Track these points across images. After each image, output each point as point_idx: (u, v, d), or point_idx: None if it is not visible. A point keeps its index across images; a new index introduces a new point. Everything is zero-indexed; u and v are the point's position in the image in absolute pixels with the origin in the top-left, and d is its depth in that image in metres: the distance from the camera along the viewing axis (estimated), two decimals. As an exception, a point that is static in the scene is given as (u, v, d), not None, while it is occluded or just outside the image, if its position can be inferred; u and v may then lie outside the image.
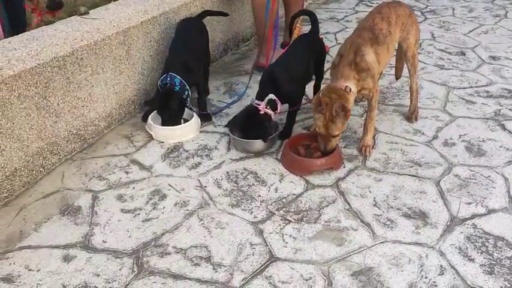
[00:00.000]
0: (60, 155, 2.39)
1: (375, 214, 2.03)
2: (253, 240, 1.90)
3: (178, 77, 2.55)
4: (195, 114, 2.64)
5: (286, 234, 1.93)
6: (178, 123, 2.58)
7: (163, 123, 2.57)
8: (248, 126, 2.44)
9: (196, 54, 2.75)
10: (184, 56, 2.63)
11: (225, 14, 3.26)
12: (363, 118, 2.72)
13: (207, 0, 3.28)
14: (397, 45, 2.57)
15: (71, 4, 3.58)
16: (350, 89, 2.20)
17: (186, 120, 2.63)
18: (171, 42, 2.80)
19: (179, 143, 2.54)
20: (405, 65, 2.67)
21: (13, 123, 2.10)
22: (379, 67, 2.33)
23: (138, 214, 2.06)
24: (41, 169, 2.30)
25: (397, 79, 2.87)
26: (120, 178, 2.29)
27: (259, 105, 2.40)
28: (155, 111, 2.61)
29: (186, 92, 2.60)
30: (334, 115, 2.13)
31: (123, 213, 2.07)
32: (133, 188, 2.22)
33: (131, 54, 2.72)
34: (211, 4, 3.34)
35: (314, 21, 2.86)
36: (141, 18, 2.75)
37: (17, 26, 2.95)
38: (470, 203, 2.07)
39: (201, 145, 2.54)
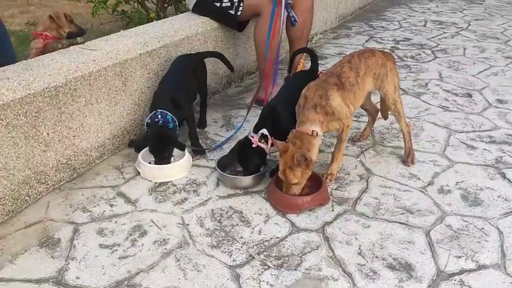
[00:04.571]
0: (47, 184, 2.38)
1: (358, 263, 1.95)
2: (228, 286, 1.84)
3: (169, 114, 2.52)
4: (187, 152, 2.59)
5: (263, 281, 1.86)
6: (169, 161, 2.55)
7: (159, 163, 2.52)
8: (240, 158, 2.45)
9: (186, 90, 2.74)
10: (173, 93, 2.61)
11: (231, 69, 3.25)
12: (358, 159, 2.67)
13: (210, 34, 3.30)
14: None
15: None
16: (317, 133, 2.21)
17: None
18: (163, 76, 2.79)
19: (168, 176, 2.52)
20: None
21: (-1, 152, 2.11)
22: (349, 108, 2.32)
23: (116, 250, 2.02)
24: (27, 198, 2.29)
25: (385, 119, 2.81)
26: (104, 211, 2.26)
27: (254, 137, 2.39)
28: (146, 149, 2.57)
29: (177, 129, 2.59)
30: (296, 164, 2.13)
31: (101, 248, 2.03)
32: (116, 222, 2.19)
33: (128, 86, 2.72)
34: (215, 38, 3.36)
35: (314, 59, 2.86)
36: (139, 50, 2.76)
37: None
38: (459, 257, 1.98)
39: (190, 179, 2.50)
